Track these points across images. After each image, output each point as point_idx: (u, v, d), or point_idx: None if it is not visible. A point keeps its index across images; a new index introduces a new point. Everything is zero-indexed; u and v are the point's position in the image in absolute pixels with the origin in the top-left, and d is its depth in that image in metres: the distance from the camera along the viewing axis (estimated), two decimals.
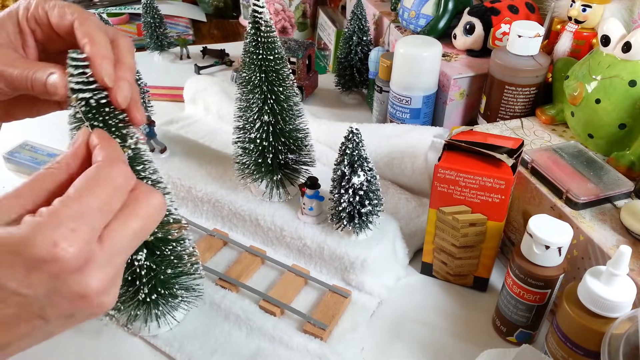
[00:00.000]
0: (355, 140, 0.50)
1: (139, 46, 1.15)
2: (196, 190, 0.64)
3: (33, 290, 0.27)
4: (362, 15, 0.85)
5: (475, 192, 0.50)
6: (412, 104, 0.73)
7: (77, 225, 0.27)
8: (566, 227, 0.46)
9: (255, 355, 0.50)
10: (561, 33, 0.66)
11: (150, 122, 0.66)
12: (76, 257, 0.27)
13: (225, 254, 0.62)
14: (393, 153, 0.69)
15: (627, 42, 0.52)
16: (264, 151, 0.57)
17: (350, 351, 0.51)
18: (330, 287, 0.56)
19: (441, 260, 0.57)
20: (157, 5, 1.01)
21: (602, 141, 0.57)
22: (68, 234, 0.27)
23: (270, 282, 0.58)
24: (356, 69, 0.89)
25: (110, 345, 0.52)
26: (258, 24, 0.50)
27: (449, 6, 0.79)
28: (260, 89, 0.53)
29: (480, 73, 0.72)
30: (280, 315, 0.54)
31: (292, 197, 0.62)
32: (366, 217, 0.54)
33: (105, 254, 0.29)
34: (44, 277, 0.27)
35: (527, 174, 0.54)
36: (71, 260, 0.27)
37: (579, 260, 0.49)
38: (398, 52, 0.70)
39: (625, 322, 0.39)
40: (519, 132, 0.62)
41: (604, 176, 0.51)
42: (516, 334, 0.51)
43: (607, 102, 0.54)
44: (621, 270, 0.39)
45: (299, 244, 0.59)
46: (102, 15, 0.61)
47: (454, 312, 0.56)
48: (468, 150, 0.51)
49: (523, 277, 0.47)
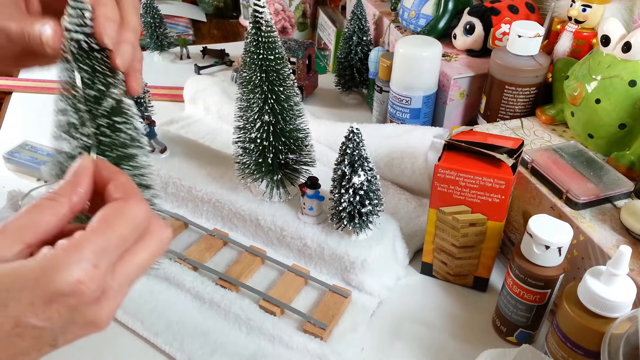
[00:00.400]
0: (355, 140, 0.50)
1: None
2: (196, 190, 0.64)
3: (51, 323, 0.27)
4: (362, 15, 0.85)
5: (475, 192, 0.50)
6: (412, 104, 0.73)
7: (98, 260, 0.28)
8: (566, 227, 0.46)
9: (255, 354, 0.50)
10: (561, 33, 0.66)
11: (150, 122, 0.66)
12: (95, 291, 0.27)
13: (226, 254, 0.62)
14: (393, 153, 0.69)
15: (627, 42, 0.52)
16: (265, 151, 0.57)
17: (350, 351, 0.51)
18: (330, 287, 0.56)
19: (441, 260, 0.57)
20: (157, 5, 1.01)
21: (602, 141, 0.57)
22: (90, 270, 0.27)
23: (270, 282, 0.58)
24: (356, 69, 0.89)
25: (111, 345, 0.52)
26: (259, 24, 0.50)
27: (449, 6, 0.79)
28: (261, 88, 0.53)
29: (480, 73, 0.72)
30: (280, 315, 0.54)
31: (292, 197, 0.62)
32: (366, 217, 0.54)
33: (117, 285, 0.29)
34: (62, 309, 0.27)
35: (527, 174, 0.54)
36: (91, 293, 0.27)
37: (579, 260, 0.49)
38: (398, 52, 0.70)
39: (625, 322, 0.39)
40: (519, 132, 0.62)
41: (604, 176, 0.51)
42: (516, 334, 0.51)
43: (607, 102, 0.54)
44: (621, 270, 0.39)
45: (299, 243, 0.59)
46: None
47: (454, 312, 0.56)
48: (468, 150, 0.51)
49: (523, 277, 0.47)
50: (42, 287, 0.26)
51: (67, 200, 0.30)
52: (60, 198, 0.30)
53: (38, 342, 0.28)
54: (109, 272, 0.29)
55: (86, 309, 0.28)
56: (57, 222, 0.29)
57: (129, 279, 0.31)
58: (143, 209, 0.31)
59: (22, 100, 0.94)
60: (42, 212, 0.29)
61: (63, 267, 0.26)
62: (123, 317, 0.53)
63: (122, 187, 0.31)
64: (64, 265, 0.26)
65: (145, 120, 0.66)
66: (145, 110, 0.68)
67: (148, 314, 0.54)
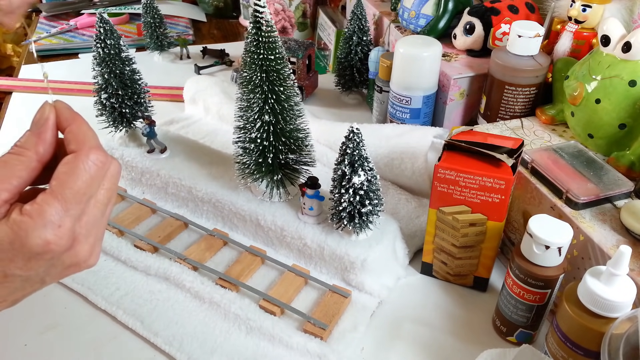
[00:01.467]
0: (355, 140, 0.50)
1: (139, 46, 1.15)
2: (196, 190, 0.65)
3: (34, 271, 0.31)
4: (362, 15, 0.85)
5: (475, 192, 0.50)
6: (412, 104, 0.73)
7: (62, 220, 0.31)
8: (566, 227, 0.46)
9: (255, 354, 0.50)
10: (561, 33, 0.66)
11: (150, 122, 0.66)
12: (65, 244, 0.31)
13: (226, 254, 0.62)
14: (393, 153, 0.69)
15: (627, 42, 0.52)
16: (265, 151, 0.57)
17: (350, 351, 0.51)
18: (330, 287, 0.56)
19: (441, 260, 0.57)
20: (157, 5, 1.01)
21: (602, 141, 0.57)
22: (56, 230, 0.30)
23: (270, 281, 0.58)
24: (356, 69, 0.89)
25: (111, 345, 0.52)
26: (259, 24, 0.50)
27: (449, 6, 0.79)
28: (261, 88, 0.53)
29: (480, 73, 0.72)
30: (280, 315, 0.54)
31: (292, 197, 0.62)
32: (366, 217, 0.54)
33: (86, 228, 0.33)
34: (41, 262, 0.31)
35: (527, 174, 0.54)
36: (61, 247, 0.31)
37: (579, 260, 0.49)
38: (398, 52, 0.70)
39: (625, 322, 0.39)
40: (519, 132, 0.62)
41: (604, 176, 0.51)
42: (516, 334, 0.51)
43: (607, 102, 0.54)
44: (621, 270, 0.39)
45: (299, 243, 0.59)
46: (103, 15, 0.61)
47: (454, 312, 0.56)
48: (468, 150, 0.51)
49: (523, 277, 0.47)
50: (17, 249, 0.30)
51: (34, 153, 0.32)
52: (27, 152, 0.32)
53: (28, 282, 0.32)
54: (76, 222, 0.32)
55: (62, 257, 0.32)
56: (28, 175, 0.32)
57: (96, 218, 0.33)
58: (99, 160, 0.32)
59: (22, 100, 0.94)
60: (13, 168, 0.32)
61: (32, 232, 0.30)
62: (123, 317, 0.54)
63: (74, 138, 0.33)
64: (32, 230, 0.30)
65: (145, 120, 0.66)
66: (145, 110, 0.68)
67: (148, 314, 0.54)
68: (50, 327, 0.53)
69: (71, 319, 0.54)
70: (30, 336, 0.52)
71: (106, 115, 0.66)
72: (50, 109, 0.33)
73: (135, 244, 0.62)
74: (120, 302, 0.55)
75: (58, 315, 0.54)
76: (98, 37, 0.61)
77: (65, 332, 0.53)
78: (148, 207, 0.67)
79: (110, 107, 0.65)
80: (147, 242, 0.61)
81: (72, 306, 0.55)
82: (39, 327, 0.53)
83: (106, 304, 0.55)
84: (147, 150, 0.68)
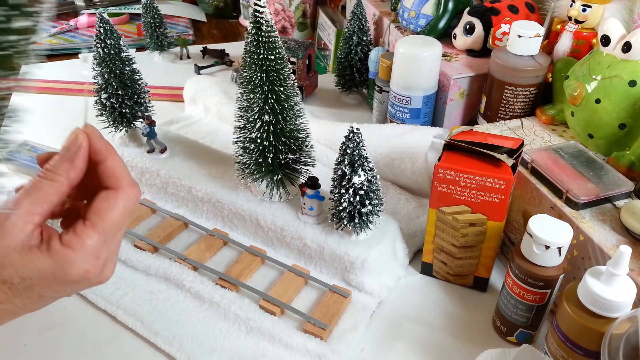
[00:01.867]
0: (355, 140, 0.50)
1: (139, 46, 1.15)
2: (196, 190, 0.64)
3: (66, 292, 0.35)
4: (362, 15, 0.85)
5: (475, 192, 0.50)
6: (412, 104, 0.73)
7: (100, 252, 0.34)
8: (566, 227, 0.46)
9: (254, 354, 0.50)
10: (561, 33, 0.66)
11: (150, 122, 0.66)
12: (99, 271, 0.34)
13: (226, 254, 0.62)
14: (393, 154, 0.69)
15: (627, 42, 0.52)
16: (265, 151, 0.57)
17: (350, 351, 0.51)
18: (330, 287, 0.56)
19: (441, 260, 0.57)
20: (157, 5, 1.01)
21: (602, 141, 0.57)
22: (94, 262, 0.33)
23: (270, 281, 0.58)
24: (356, 69, 0.89)
25: (111, 345, 0.52)
26: (259, 24, 0.50)
27: (449, 6, 0.79)
28: (261, 88, 0.53)
29: (480, 73, 0.72)
30: (280, 315, 0.54)
31: (292, 197, 0.62)
32: (366, 217, 0.54)
33: (113, 253, 0.36)
34: (74, 286, 0.34)
35: (527, 174, 0.54)
36: (96, 275, 0.34)
37: (579, 260, 0.49)
38: (398, 52, 0.70)
39: (625, 322, 0.39)
40: (519, 132, 0.62)
41: (604, 176, 0.51)
42: (516, 334, 0.51)
43: (607, 102, 0.54)
44: (621, 270, 0.39)
45: (299, 243, 0.59)
46: (103, 15, 0.61)
47: (454, 312, 0.56)
48: (468, 150, 0.51)
49: (523, 277, 0.47)
50: (57, 278, 0.32)
51: (65, 179, 0.33)
52: (59, 178, 0.33)
53: (56, 298, 0.35)
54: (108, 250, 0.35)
55: (92, 280, 0.35)
56: (58, 199, 0.33)
57: (119, 242, 0.37)
58: (132, 196, 0.35)
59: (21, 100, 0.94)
60: (45, 192, 0.33)
61: (73, 263, 0.32)
62: (123, 317, 0.54)
63: (112, 174, 0.35)
64: (74, 262, 0.32)
65: (145, 120, 0.66)
66: (145, 110, 0.68)
67: (148, 314, 0.54)
68: (50, 327, 0.53)
69: (71, 319, 0.54)
70: (30, 336, 0.52)
71: (106, 115, 0.66)
72: (83, 136, 0.34)
73: (135, 244, 0.62)
74: (120, 302, 0.55)
75: (58, 316, 0.54)
76: (98, 37, 0.61)
77: (65, 332, 0.53)
78: (148, 207, 0.67)
79: (110, 107, 0.65)
80: (147, 242, 0.61)
81: (72, 306, 0.55)
82: (38, 327, 0.53)
83: (106, 304, 0.55)
84: (147, 150, 0.68)
